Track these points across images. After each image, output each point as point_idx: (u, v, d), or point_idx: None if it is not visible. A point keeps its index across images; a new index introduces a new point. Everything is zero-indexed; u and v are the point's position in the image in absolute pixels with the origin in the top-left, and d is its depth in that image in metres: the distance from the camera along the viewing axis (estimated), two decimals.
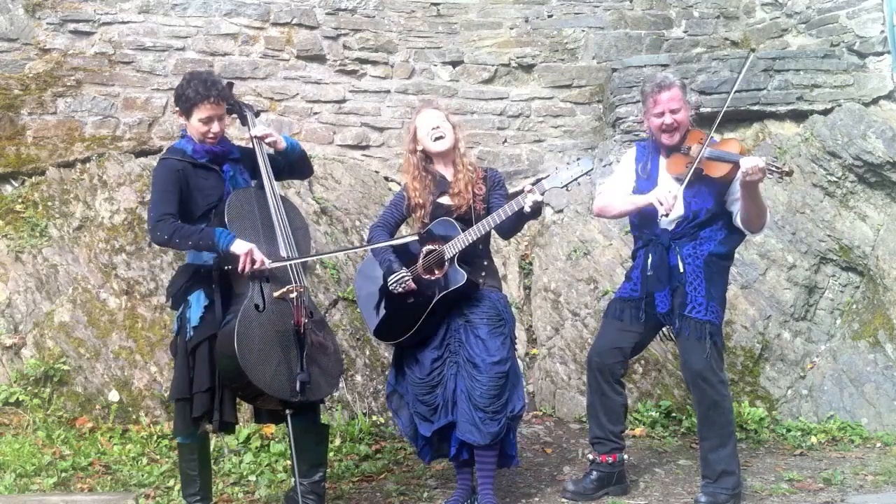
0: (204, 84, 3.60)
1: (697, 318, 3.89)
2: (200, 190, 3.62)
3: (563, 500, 4.12)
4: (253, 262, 3.48)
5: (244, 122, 3.88)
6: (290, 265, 3.57)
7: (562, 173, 3.79)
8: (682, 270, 3.92)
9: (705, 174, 3.88)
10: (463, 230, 3.80)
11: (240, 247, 3.47)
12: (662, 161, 4.08)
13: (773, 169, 3.74)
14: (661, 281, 3.96)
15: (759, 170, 3.68)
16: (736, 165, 3.78)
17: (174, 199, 3.57)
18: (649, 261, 4.01)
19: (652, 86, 4.07)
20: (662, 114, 4.00)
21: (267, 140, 3.75)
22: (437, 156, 3.99)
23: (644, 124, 4.25)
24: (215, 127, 3.64)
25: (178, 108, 3.68)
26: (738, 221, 3.95)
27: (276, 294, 3.50)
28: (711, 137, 3.95)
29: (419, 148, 4.00)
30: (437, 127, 3.95)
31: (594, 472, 4.13)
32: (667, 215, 3.87)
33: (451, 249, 3.79)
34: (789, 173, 3.80)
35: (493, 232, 3.93)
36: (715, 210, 3.96)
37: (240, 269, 3.47)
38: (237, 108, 3.88)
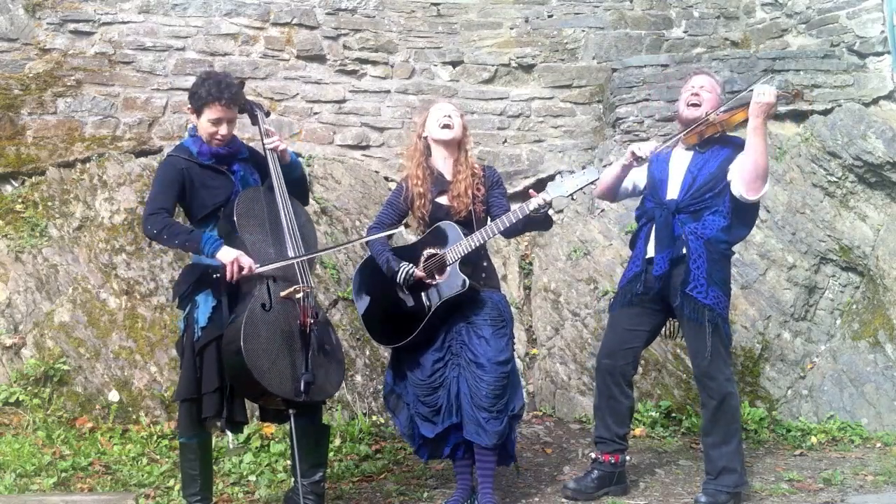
0: (217, 86, 3.59)
1: (697, 300, 3.87)
2: (207, 188, 3.62)
3: (564, 499, 4.12)
4: (240, 269, 3.46)
5: (254, 121, 3.88)
6: (297, 265, 3.56)
7: (567, 182, 3.77)
8: (684, 239, 3.90)
9: (718, 122, 3.93)
10: (464, 234, 3.80)
11: (226, 254, 3.46)
12: (677, 152, 4.10)
13: (783, 94, 4.01)
14: (662, 242, 3.93)
15: (771, 92, 3.78)
16: (747, 105, 3.86)
17: (173, 195, 3.59)
18: (654, 224, 3.99)
19: (690, 74, 4.29)
20: (691, 90, 4.07)
21: (279, 149, 3.75)
22: (439, 145, 3.98)
23: (677, 112, 4.24)
24: (223, 129, 3.63)
25: (189, 105, 3.68)
26: (737, 187, 3.89)
27: (282, 294, 3.49)
28: (724, 104, 4.06)
29: (425, 135, 4.02)
30: (448, 116, 3.96)
31: (595, 472, 4.13)
32: (645, 158, 3.96)
33: (453, 254, 3.78)
34: (797, 95, 4.11)
35: None
36: (716, 174, 3.94)
37: (227, 277, 3.45)
38: (248, 107, 3.87)
